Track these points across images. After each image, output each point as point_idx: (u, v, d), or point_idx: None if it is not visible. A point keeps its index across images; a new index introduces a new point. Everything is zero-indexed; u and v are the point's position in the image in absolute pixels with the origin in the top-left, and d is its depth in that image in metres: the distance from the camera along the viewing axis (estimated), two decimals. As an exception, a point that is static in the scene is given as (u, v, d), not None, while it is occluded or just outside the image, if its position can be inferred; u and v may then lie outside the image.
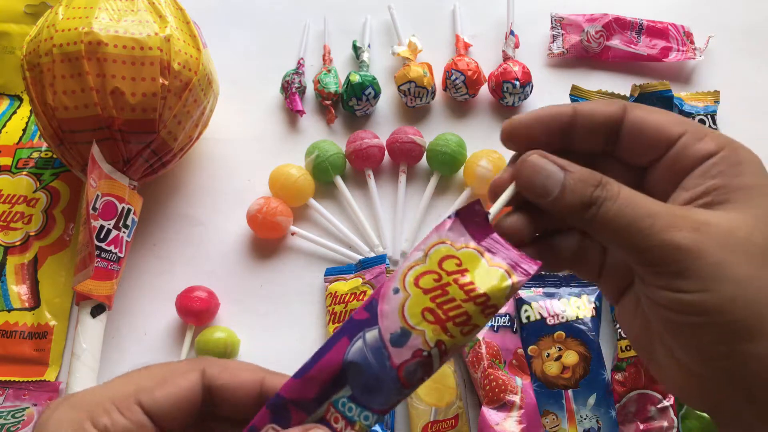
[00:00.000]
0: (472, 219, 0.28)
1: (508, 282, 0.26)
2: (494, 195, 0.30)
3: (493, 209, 0.28)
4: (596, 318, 0.53)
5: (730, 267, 0.25)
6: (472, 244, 0.27)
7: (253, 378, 0.28)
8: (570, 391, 0.51)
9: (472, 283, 0.26)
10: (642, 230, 0.26)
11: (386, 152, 0.61)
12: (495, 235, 0.28)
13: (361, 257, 0.57)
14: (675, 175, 0.28)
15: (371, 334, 0.26)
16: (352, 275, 0.55)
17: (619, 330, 0.53)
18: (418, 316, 0.26)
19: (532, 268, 0.27)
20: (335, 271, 0.56)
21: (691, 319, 0.25)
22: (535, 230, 0.30)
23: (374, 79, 0.63)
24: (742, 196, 0.26)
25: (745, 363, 0.25)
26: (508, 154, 0.64)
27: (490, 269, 0.27)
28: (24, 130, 0.65)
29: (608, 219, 0.26)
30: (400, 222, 0.59)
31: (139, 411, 0.26)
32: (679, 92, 0.62)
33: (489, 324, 0.50)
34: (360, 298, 0.53)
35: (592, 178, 0.27)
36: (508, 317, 0.53)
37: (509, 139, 0.30)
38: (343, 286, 0.54)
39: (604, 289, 0.32)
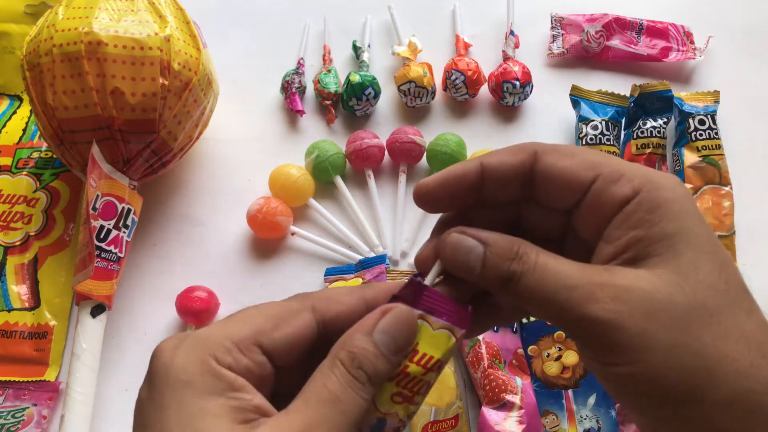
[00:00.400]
0: (413, 294, 0.29)
1: (453, 340, 0.28)
2: (421, 268, 0.30)
3: (428, 281, 0.29)
4: (596, 318, 0.53)
5: (653, 335, 0.24)
6: (416, 312, 0.28)
7: (357, 297, 0.29)
8: (570, 391, 0.51)
9: (425, 355, 0.28)
10: (561, 304, 0.25)
11: (386, 152, 0.61)
12: (430, 291, 0.28)
13: (361, 257, 0.57)
14: (597, 220, 0.27)
15: None
16: (352, 275, 0.55)
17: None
18: (388, 403, 0.28)
19: (468, 314, 0.29)
20: (335, 271, 0.56)
21: (626, 389, 0.25)
22: (469, 291, 0.30)
23: (374, 79, 0.63)
24: (663, 248, 0.25)
25: (693, 425, 0.24)
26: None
27: (435, 333, 0.28)
28: (24, 130, 0.65)
29: (527, 293, 0.26)
30: (400, 222, 0.59)
31: (258, 351, 0.26)
32: (679, 92, 0.62)
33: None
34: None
35: (509, 251, 0.27)
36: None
37: (421, 204, 0.30)
38: (343, 285, 0.54)
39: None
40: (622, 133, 0.61)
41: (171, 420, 0.24)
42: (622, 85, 0.63)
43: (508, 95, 0.62)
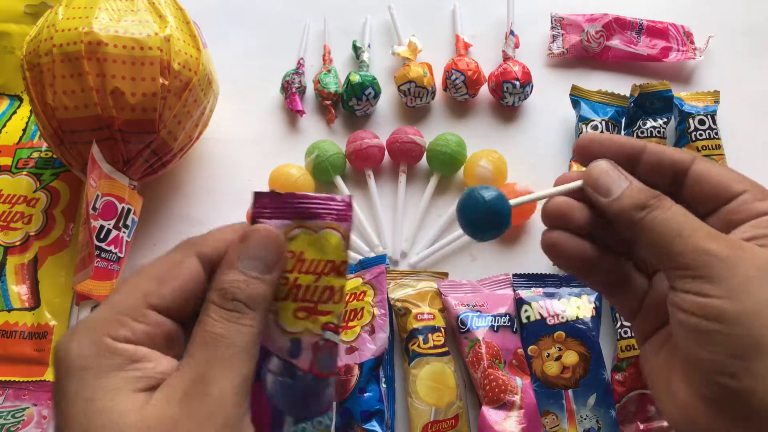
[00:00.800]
0: (272, 207, 0.28)
1: (337, 236, 0.28)
2: (559, 183, 0.33)
3: (558, 189, 0.32)
4: (596, 318, 0.53)
5: (759, 284, 0.26)
6: (287, 222, 0.28)
7: (236, 231, 0.29)
8: (570, 391, 0.51)
9: (313, 261, 0.28)
10: (682, 237, 0.28)
11: (386, 152, 0.61)
12: (295, 199, 0.28)
13: (361, 257, 0.57)
14: (728, 224, 0.30)
15: (273, 363, 0.28)
16: (352, 275, 0.55)
17: (620, 330, 0.53)
18: (293, 322, 0.28)
19: (347, 205, 0.28)
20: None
21: (710, 325, 0.26)
22: (584, 225, 0.32)
23: (374, 79, 0.63)
24: None
25: (754, 385, 0.25)
26: (508, 154, 0.64)
27: (318, 236, 0.28)
28: (24, 130, 0.65)
29: (655, 224, 0.29)
30: (400, 222, 0.59)
31: (153, 313, 0.27)
32: (679, 92, 0.62)
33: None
34: (360, 298, 0.53)
35: (651, 192, 0.30)
36: (508, 317, 0.53)
37: (583, 152, 0.33)
38: None
39: (636, 327, 0.34)
40: (622, 133, 0.61)
41: (75, 408, 0.25)
42: (622, 85, 0.63)
43: (508, 95, 0.62)
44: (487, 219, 0.32)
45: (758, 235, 0.28)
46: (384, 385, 0.50)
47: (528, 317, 0.53)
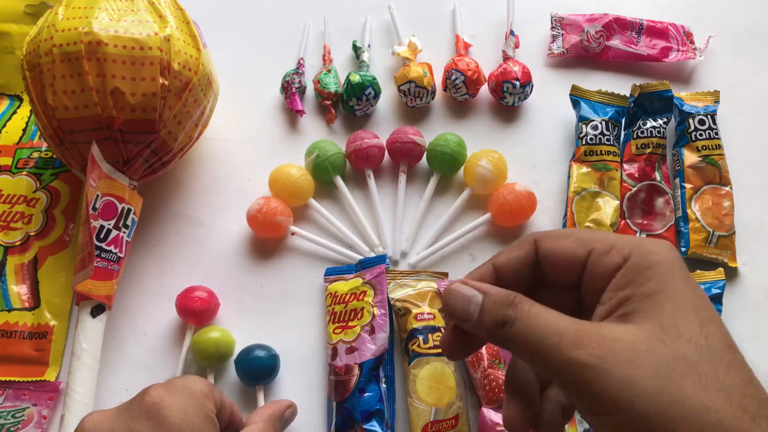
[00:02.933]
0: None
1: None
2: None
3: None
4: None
5: (638, 383, 0.25)
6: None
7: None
8: (570, 391, 0.51)
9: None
10: (550, 348, 0.26)
11: (386, 152, 0.61)
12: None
13: (361, 257, 0.57)
14: (596, 292, 0.29)
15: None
16: (352, 275, 0.55)
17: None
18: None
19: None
20: (335, 271, 0.56)
21: None
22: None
23: (374, 79, 0.63)
24: (648, 305, 0.27)
25: None
26: (508, 154, 0.64)
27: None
28: (24, 130, 0.65)
29: (518, 337, 0.28)
30: (400, 222, 0.59)
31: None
32: (679, 92, 0.62)
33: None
34: (360, 298, 0.53)
35: (506, 299, 0.29)
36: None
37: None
38: (343, 286, 0.55)
39: None
40: (622, 133, 0.61)
41: None
42: (622, 85, 0.63)
43: (508, 95, 0.62)
44: (255, 374, 0.51)
45: (620, 301, 0.27)
46: (384, 385, 0.50)
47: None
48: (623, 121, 0.61)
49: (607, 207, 0.57)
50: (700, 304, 0.27)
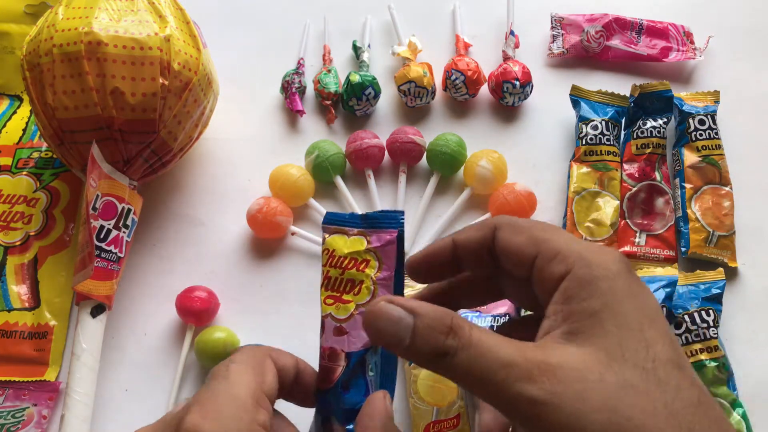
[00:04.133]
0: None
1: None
2: None
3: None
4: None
5: (587, 416, 0.24)
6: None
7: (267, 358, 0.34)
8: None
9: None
10: (497, 383, 0.25)
11: (386, 152, 0.61)
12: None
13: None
14: (544, 294, 0.28)
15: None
16: (355, 231, 0.40)
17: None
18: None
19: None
20: (337, 219, 0.40)
21: None
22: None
23: (374, 79, 0.63)
24: (591, 325, 0.26)
25: None
26: (508, 154, 0.64)
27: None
28: (24, 130, 0.65)
29: (463, 369, 0.26)
30: (400, 222, 0.59)
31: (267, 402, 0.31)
32: (679, 92, 0.62)
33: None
34: (361, 268, 0.38)
35: (442, 324, 0.26)
36: (508, 317, 0.53)
37: (413, 276, 0.34)
38: (343, 244, 0.39)
39: None
40: (622, 133, 0.61)
41: None
42: (622, 85, 0.63)
43: (508, 95, 0.62)
44: None
45: (564, 318, 0.26)
46: (371, 373, 0.39)
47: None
48: (623, 121, 0.61)
49: (607, 207, 0.57)
50: (645, 323, 0.26)
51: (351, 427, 0.38)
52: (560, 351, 0.26)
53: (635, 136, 0.60)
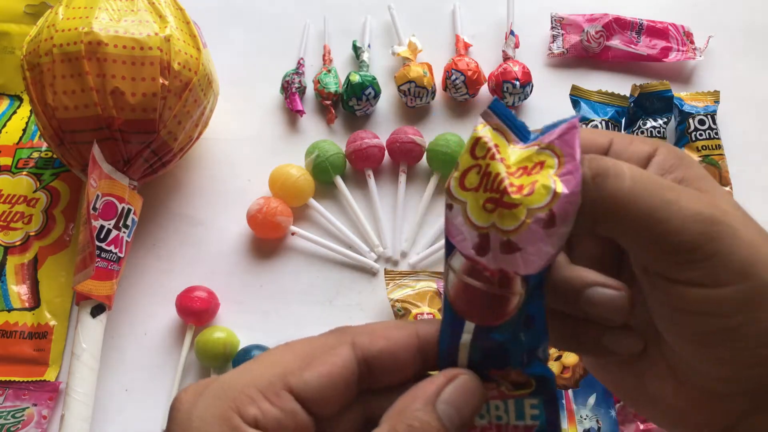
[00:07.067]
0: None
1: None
2: None
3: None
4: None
5: (761, 248, 0.21)
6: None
7: (408, 333, 0.25)
8: (570, 391, 0.51)
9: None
10: (670, 203, 0.21)
11: (386, 152, 0.61)
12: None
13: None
14: None
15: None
16: (525, 145, 0.28)
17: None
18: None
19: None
20: (505, 114, 0.29)
21: (730, 321, 0.21)
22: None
23: (374, 79, 0.63)
24: (707, 185, 0.23)
25: None
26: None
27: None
28: (24, 130, 0.65)
29: (623, 193, 0.22)
30: (400, 222, 0.59)
31: (290, 397, 0.22)
32: (679, 92, 0.62)
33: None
34: (532, 172, 0.26)
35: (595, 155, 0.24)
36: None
37: None
38: (509, 150, 0.27)
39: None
40: (622, 133, 0.61)
41: None
42: (622, 85, 0.63)
43: (508, 95, 0.62)
44: None
45: (675, 180, 0.24)
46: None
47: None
48: (623, 121, 0.61)
49: (607, 207, 0.57)
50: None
51: (532, 370, 0.26)
52: (723, 194, 0.23)
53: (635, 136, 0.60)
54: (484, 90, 0.65)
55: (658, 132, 0.59)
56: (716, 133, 0.59)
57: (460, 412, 0.23)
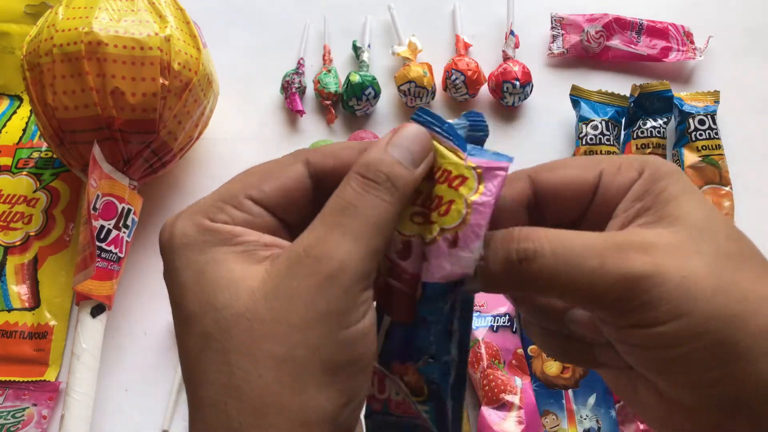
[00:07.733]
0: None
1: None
2: None
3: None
4: (596, 318, 0.53)
5: (695, 284, 0.23)
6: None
7: (354, 153, 0.27)
8: (570, 391, 0.51)
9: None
10: (592, 271, 0.23)
11: (386, 152, 0.61)
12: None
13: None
14: (606, 217, 0.26)
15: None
16: (451, 144, 0.28)
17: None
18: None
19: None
20: (431, 120, 0.28)
21: (673, 352, 0.23)
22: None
23: (374, 79, 0.63)
24: (675, 209, 0.25)
25: (742, 383, 0.23)
26: (508, 154, 0.64)
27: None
28: (24, 130, 0.65)
29: (547, 271, 0.24)
30: (400, 222, 0.59)
31: (252, 204, 0.26)
32: (679, 92, 0.62)
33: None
34: (454, 185, 0.28)
35: (508, 233, 0.25)
36: (507, 317, 0.53)
37: None
38: (439, 150, 0.28)
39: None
40: (622, 133, 0.61)
41: (182, 280, 0.25)
42: (622, 85, 0.63)
43: (508, 95, 0.62)
44: None
45: (639, 211, 0.25)
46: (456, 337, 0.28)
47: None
48: (623, 121, 0.61)
49: (607, 207, 0.57)
50: (716, 208, 0.26)
51: (425, 369, 0.28)
52: (650, 233, 0.24)
53: (635, 136, 0.60)
54: (484, 90, 0.65)
55: (658, 132, 0.59)
56: (716, 133, 0.59)
57: (413, 153, 0.26)
